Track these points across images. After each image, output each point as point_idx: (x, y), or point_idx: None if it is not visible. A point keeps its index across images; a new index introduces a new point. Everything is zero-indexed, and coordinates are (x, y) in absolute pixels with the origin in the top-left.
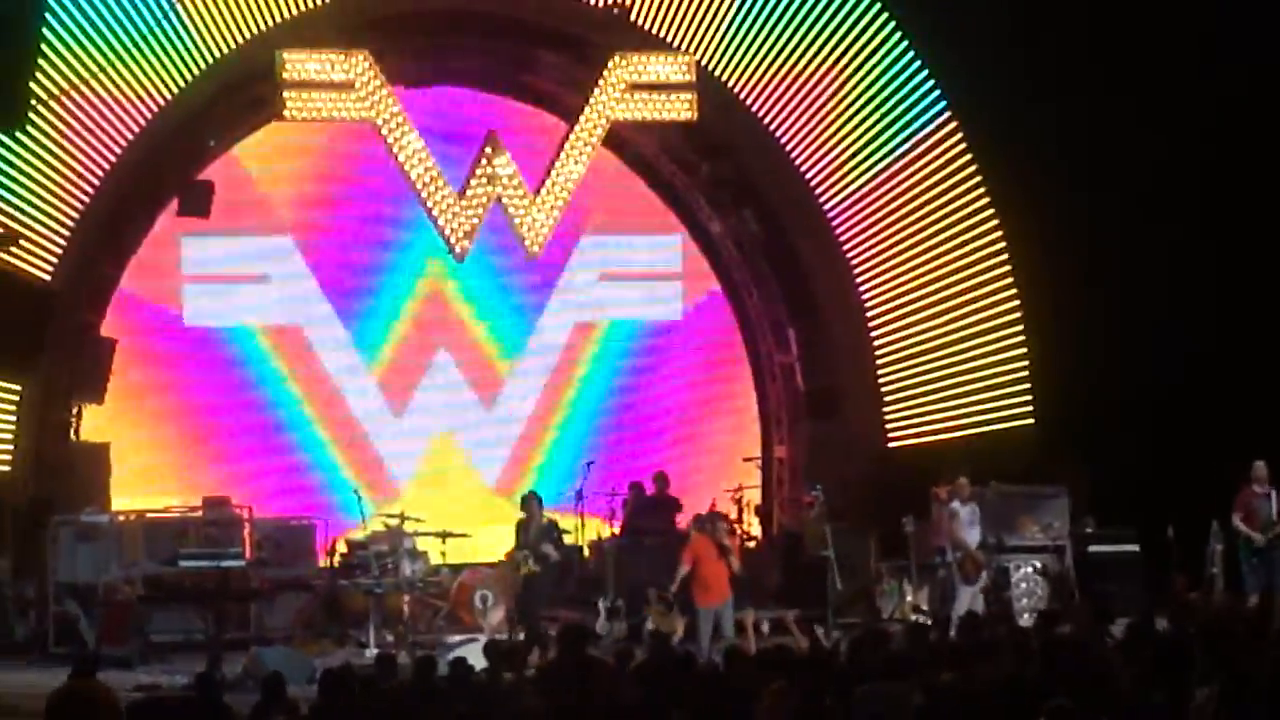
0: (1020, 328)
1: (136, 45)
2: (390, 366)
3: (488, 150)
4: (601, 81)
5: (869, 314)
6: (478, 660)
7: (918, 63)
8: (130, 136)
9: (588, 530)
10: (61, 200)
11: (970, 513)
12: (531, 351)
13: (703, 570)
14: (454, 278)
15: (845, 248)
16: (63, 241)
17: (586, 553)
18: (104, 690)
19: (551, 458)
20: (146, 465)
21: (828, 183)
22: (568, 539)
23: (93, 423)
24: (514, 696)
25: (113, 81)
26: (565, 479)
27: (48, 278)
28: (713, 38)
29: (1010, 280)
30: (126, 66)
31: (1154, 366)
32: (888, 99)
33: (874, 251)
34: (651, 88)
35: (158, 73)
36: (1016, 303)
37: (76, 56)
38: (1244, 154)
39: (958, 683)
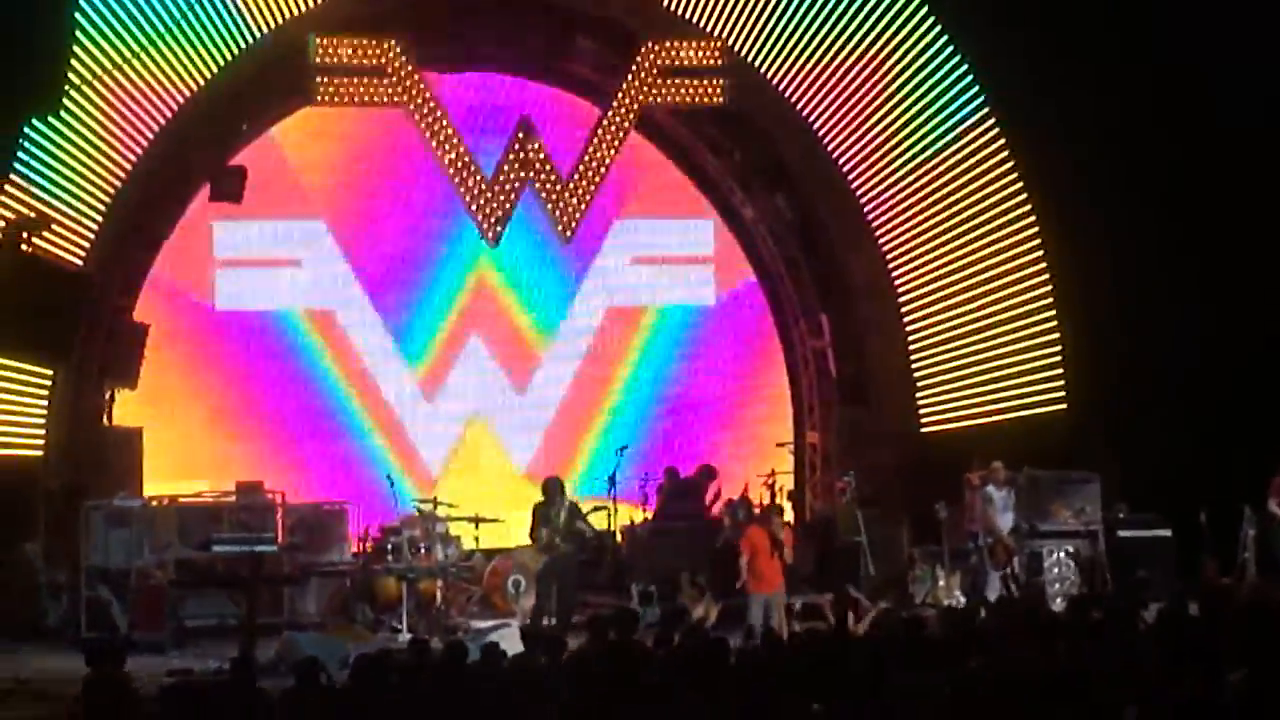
0: (1053, 312)
1: (170, 30)
2: (424, 350)
3: (520, 135)
4: (634, 67)
5: (901, 299)
6: (512, 646)
7: (954, 49)
8: (163, 121)
9: (620, 516)
10: (95, 185)
11: (1004, 498)
12: (564, 337)
13: (758, 562)
14: (488, 264)
15: (878, 233)
16: (96, 226)
17: (619, 538)
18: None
19: (584, 443)
20: (179, 450)
21: (861, 169)
22: (599, 524)
23: (126, 408)
24: (548, 681)
25: (146, 67)
26: (598, 465)
27: (80, 262)
28: (746, 22)
29: (1043, 265)
30: (160, 52)
31: (1187, 351)
32: (923, 86)
33: (907, 237)
34: (684, 73)
35: (191, 58)
36: (1049, 288)
37: (110, 41)
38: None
39: (986, 668)
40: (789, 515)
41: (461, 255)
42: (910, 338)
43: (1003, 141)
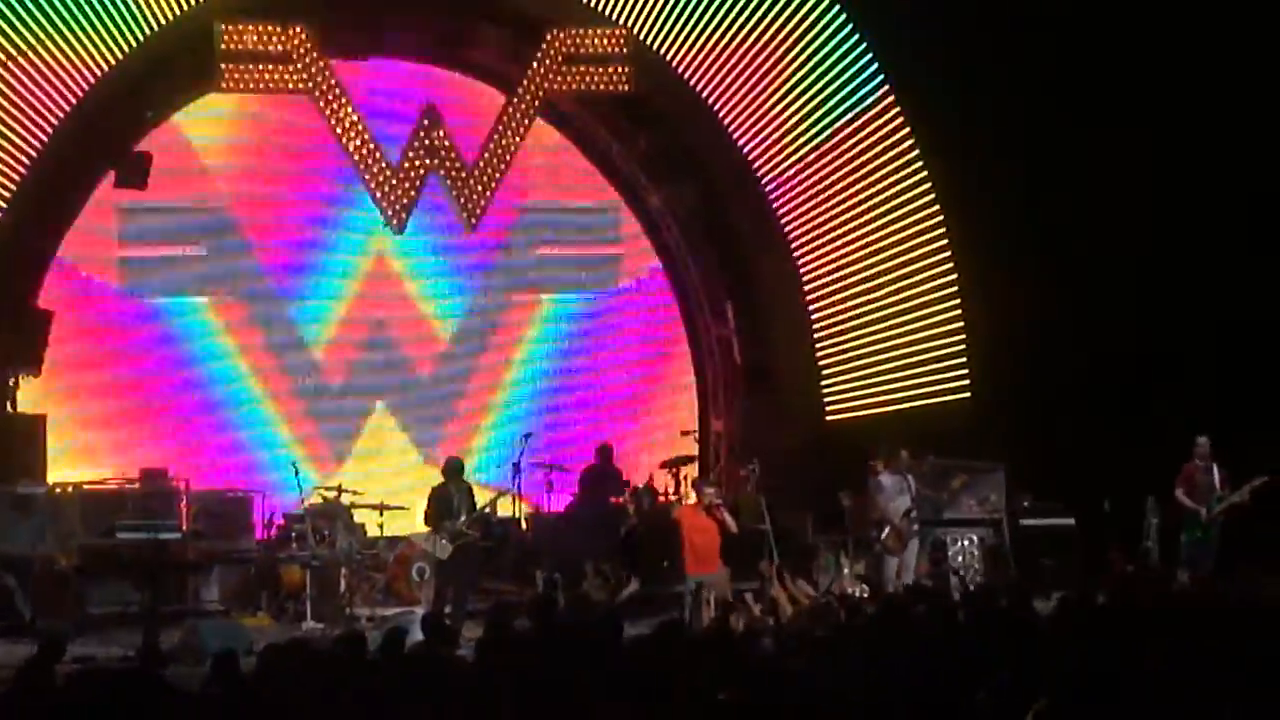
0: (957, 301)
1: (74, 15)
2: (327, 337)
3: (425, 123)
4: (540, 54)
5: (806, 287)
6: (416, 634)
7: (856, 36)
8: (68, 107)
9: (523, 504)
10: None
11: (896, 483)
12: (468, 323)
13: (693, 538)
14: (395, 251)
15: (783, 221)
16: None
17: (523, 525)
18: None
19: (489, 430)
20: (83, 438)
21: (766, 155)
22: (504, 511)
23: (29, 394)
24: (450, 670)
25: (50, 52)
26: (502, 452)
27: None
28: (650, 9)
29: (947, 254)
30: (64, 37)
31: (1092, 340)
32: (826, 71)
33: (812, 225)
34: (590, 60)
35: (95, 43)
36: (953, 276)
37: (13, 26)
38: (1189, 125)
39: (877, 658)
40: (709, 490)
41: (365, 242)
42: (815, 325)
43: (906, 130)
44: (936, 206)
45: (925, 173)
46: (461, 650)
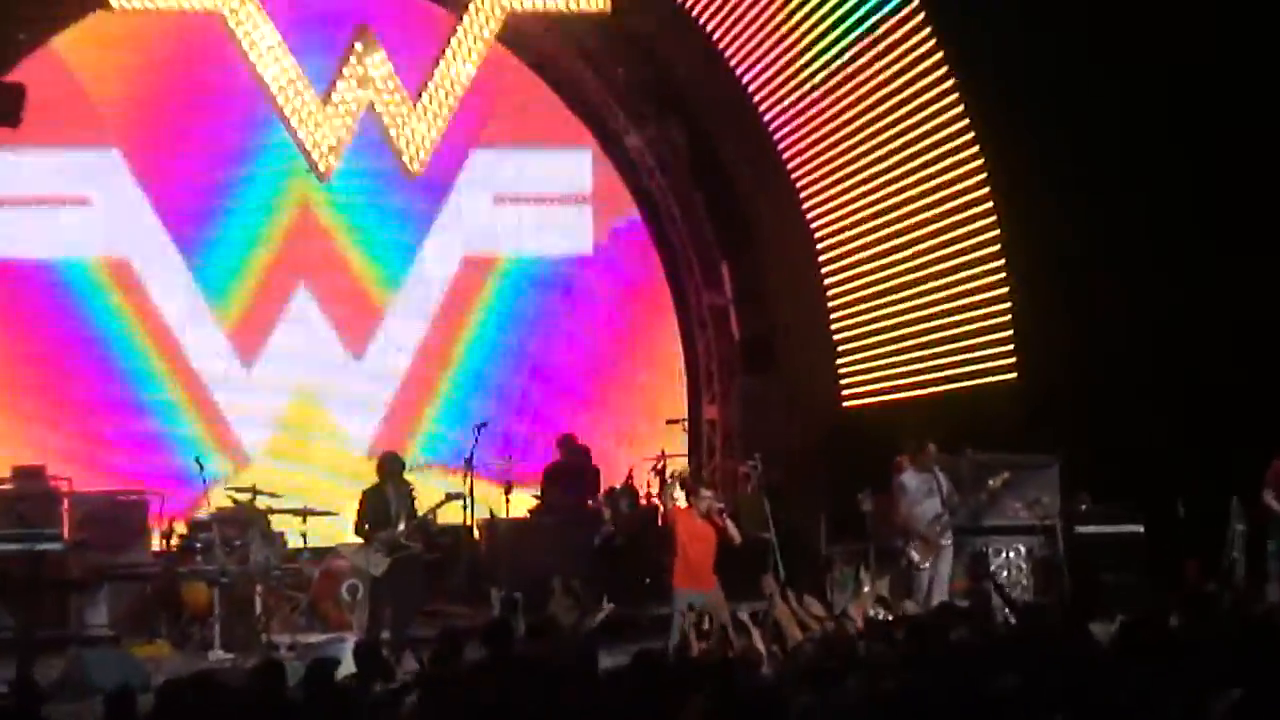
0: (1002, 262)
1: None
2: (240, 306)
3: (358, 47)
4: None
5: (818, 245)
6: (347, 665)
7: None
8: None
9: (479, 506)
10: None
11: (923, 483)
12: (411, 290)
13: (688, 549)
14: (319, 201)
15: (790, 166)
16: None
17: (476, 534)
18: None
19: (435, 419)
20: None
21: (769, 88)
22: (453, 517)
23: None
24: (387, 709)
25: None
26: (451, 445)
27: None
28: None
29: (990, 206)
30: None
31: (1165, 311)
32: None
33: (823, 169)
34: None
35: None
36: (997, 233)
37: None
38: (1256, 89)
39: (901, 694)
40: (706, 494)
41: (287, 191)
42: (829, 290)
43: (941, 56)
44: (976, 148)
45: (963, 107)
46: (401, 685)
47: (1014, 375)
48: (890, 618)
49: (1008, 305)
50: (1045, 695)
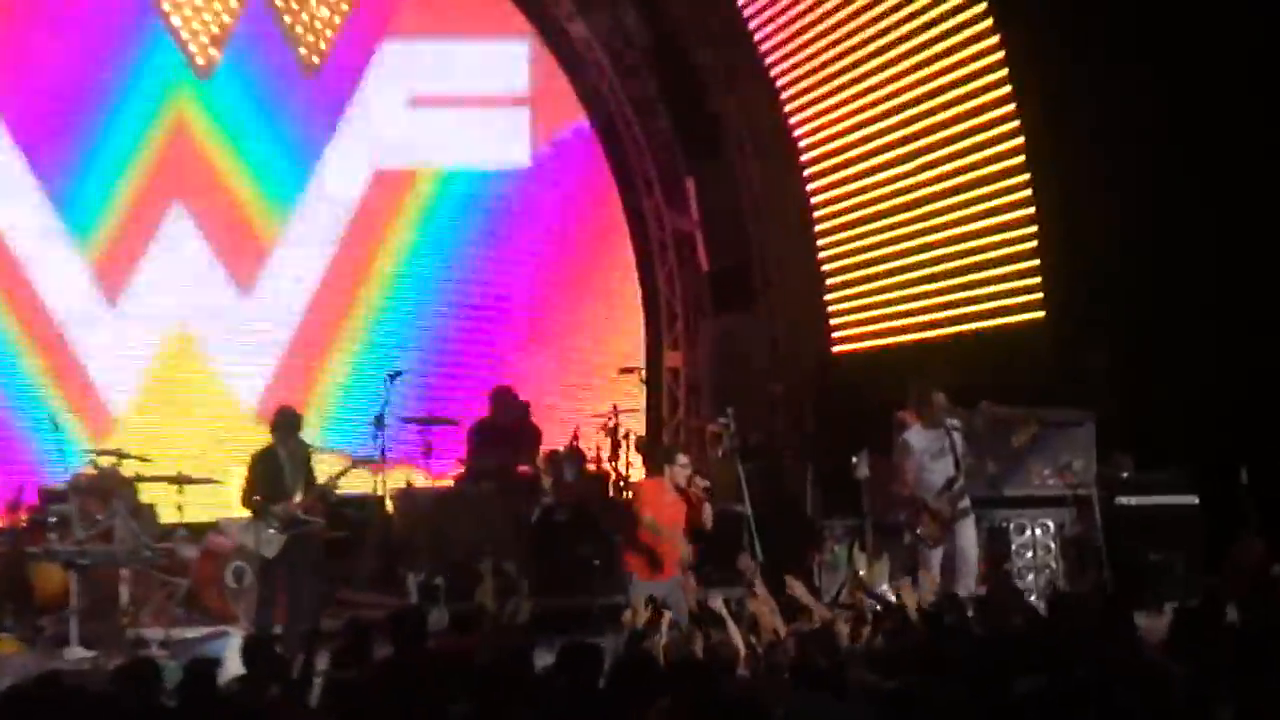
0: (1026, 176)
1: None
2: (102, 233)
3: None
4: None
5: (804, 158)
6: (233, 664)
7: None
8: None
9: (394, 475)
10: None
11: (932, 441)
12: (309, 213)
13: (653, 535)
14: (197, 106)
15: (769, 61)
16: None
17: (389, 507)
18: None
19: (340, 369)
20: None
21: None
22: (361, 486)
23: None
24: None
25: None
26: (359, 399)
27: None
28: None
29: (1012, 109)
30: None
31: (1219, 242)
32: None
33: (812, 67)
34: None
35: None
36: (1020, 140)
37: None
38: None
39: (903, 700)
40: (682, 462)
41: (156, 92)
42: (817, 213)
43: None
44: (996, 37)
45: None
46: (297, 688)
47: (1040, 313)
48: (882, 607)
49: (1033, 229)
50: (1078, 701)
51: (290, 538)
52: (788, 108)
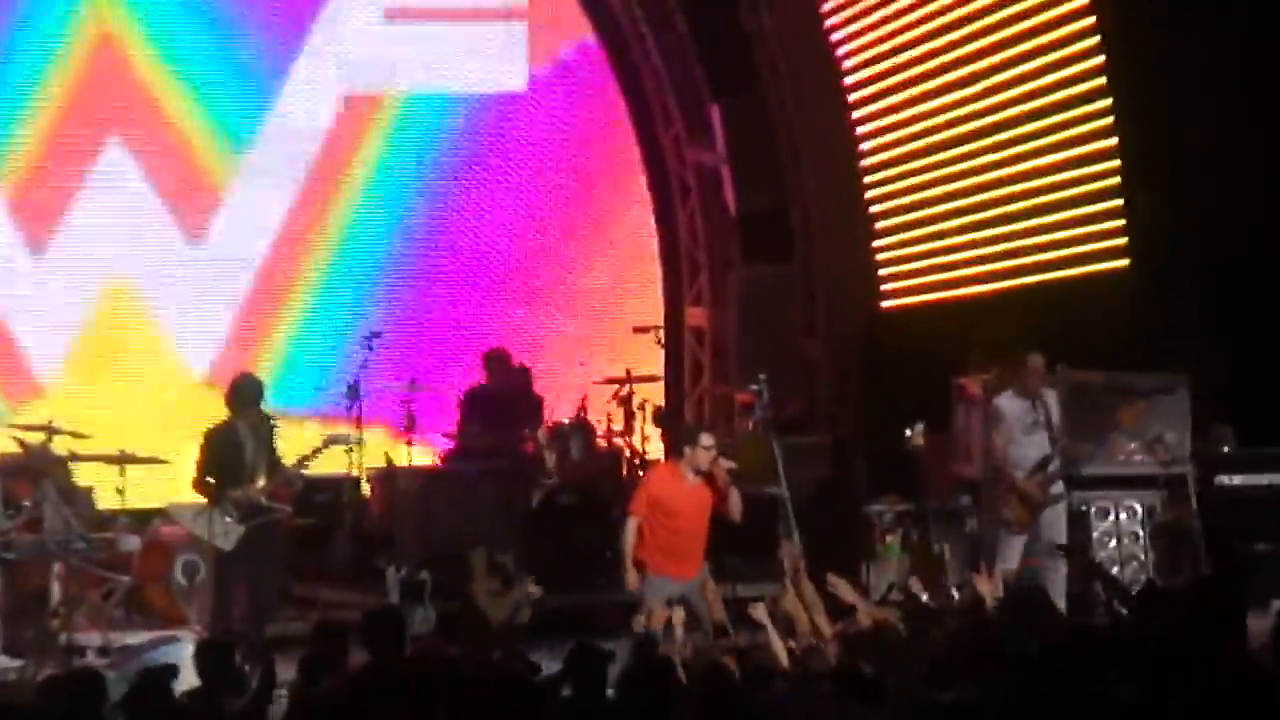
0: (1107, 102)
1: None
2: (26, 172)
3: None
4: None
5: (849, 82)
6: (186, 674)
7: None
8: None
9: (371, 450)
10: None
11: (1025, 413)
12: (269, 147)
13: (670, 520)
14: (134, 21)
15: None
16: None
17: (366, 489)
18: None
19: (307, 328)
20: None
21: None
22: (333, 466)
23: None
24: None
25: None
26: (331, 364)
27: None
28: None
29: (1092, 22)
30: None
31: None
32: None
33: None
34: None
35: None
36: (1099, 60)
37: None
38: None
39: (968, 706)
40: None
41: (80, 8)
42: (864, 147)
43: None
44: None
45: None
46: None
47: (1123, 261)
48: (936, 606)
49: (1116, 163)
50: (1172, 713)
51: (250, 528)
52: (829, 23)
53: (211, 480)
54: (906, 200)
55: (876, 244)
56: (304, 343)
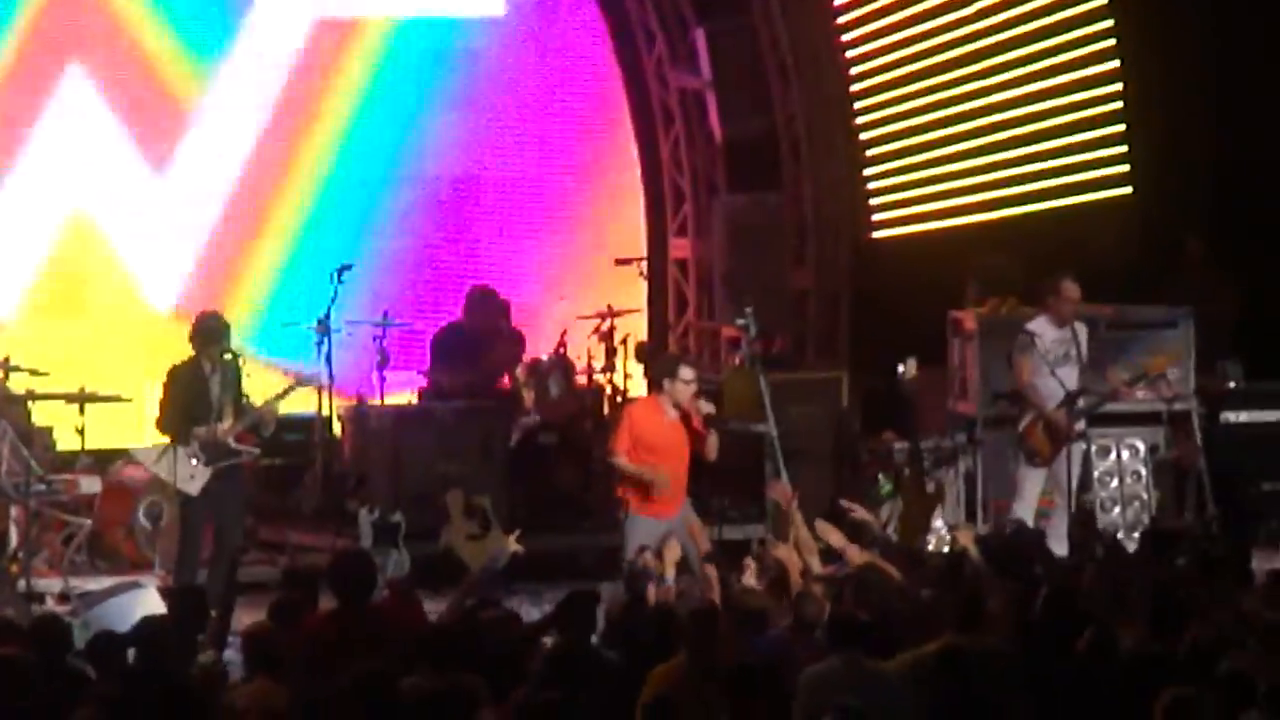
0: (1109, 23)
1: None
2: None
3: None
4: None
5: (839, 5)
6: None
7: None
8: None
9: (342, 391)
10: None
11: (1059, 342)
12: (238, 71)
13: (651, 456)
14: None
15: None
16: None
17: (337, 429)
18: None
19: (276, 260)
20: None
21: None
22: (303, 405)
23: None
24: (214, 687)
25: None
26: (300, 300)
27: None
28: None
29: None
30: None
31: None
32: None
33: None
34: None
35: None
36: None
37: None
38: None
39: (971, 650)
40: (687, 376)
41: None
42: (855, 70)
43: None
44: None
45: None
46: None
47: (1126, 189)
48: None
49: (1118, 87)
50: (1177, 660)
51: (217, 472)
52: None
53: (176, 420)
54: (899, 126)
55: (868, 171)
56: (273, 277)
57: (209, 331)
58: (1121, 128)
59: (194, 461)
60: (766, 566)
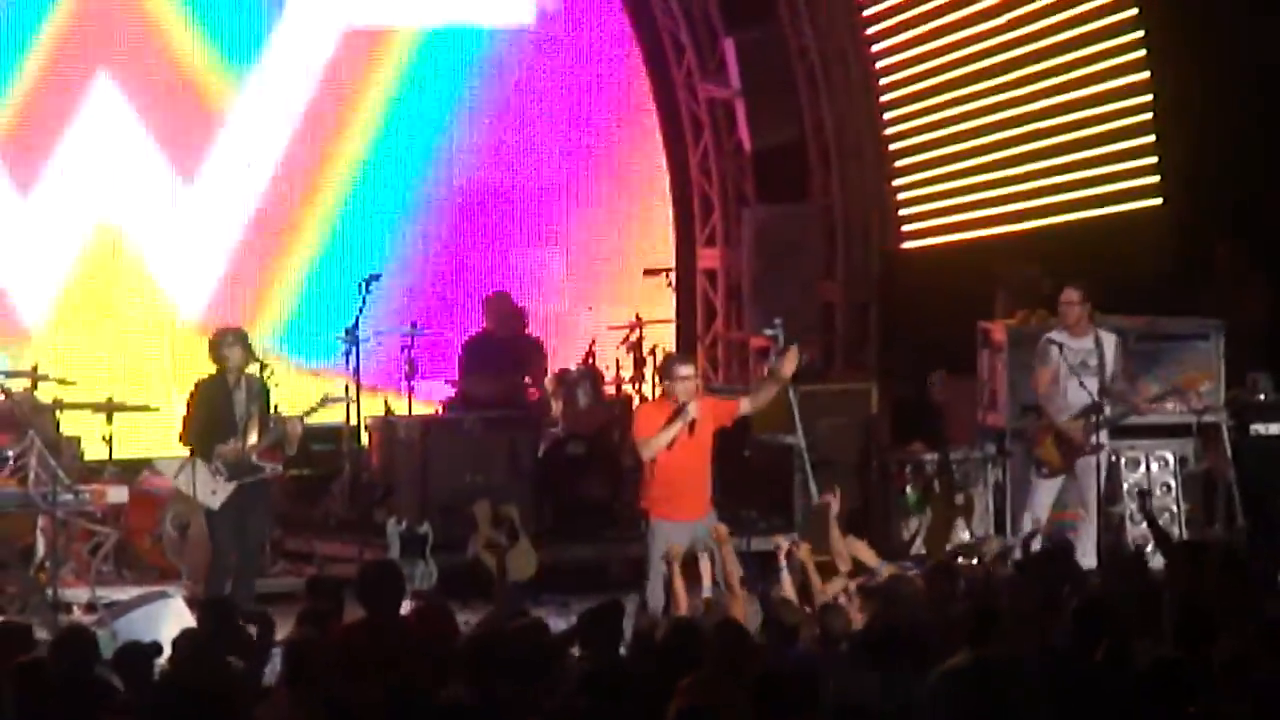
0: (1139, 34)
1: None
2: (6, 108)
3: None
4: None
5: (868, 16)
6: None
7: None
8: None
9: (370, 401)
10: None
11: (1078, 355)
12: (265, 82)
13: (671, 460)
14: None
15: None
16: None
17: (364, 440)
18: None
19: (298, 271)
20: None
21: None
22: (330, 415)
23: None
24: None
25: None
26: (327, 311)
27: None
28: None
29: None
30: None
31: None
32: None
33: None
34: None
35: None
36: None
37: None
38: None
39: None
40: (683, 373)
41: None
42: (884, 81)
43: None
44: None
45: None
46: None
47: (1157, 200)
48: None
49: (1149, 98)
50: (1207, 672)
51: (239, 488)
52: None
53: (199, 435)
54: (928, 136)
55: (897, 182)
56: (301, 287)
57: (230, 345)
58: (1152, 138)
59: (218, 476)
60: (793, 569)
